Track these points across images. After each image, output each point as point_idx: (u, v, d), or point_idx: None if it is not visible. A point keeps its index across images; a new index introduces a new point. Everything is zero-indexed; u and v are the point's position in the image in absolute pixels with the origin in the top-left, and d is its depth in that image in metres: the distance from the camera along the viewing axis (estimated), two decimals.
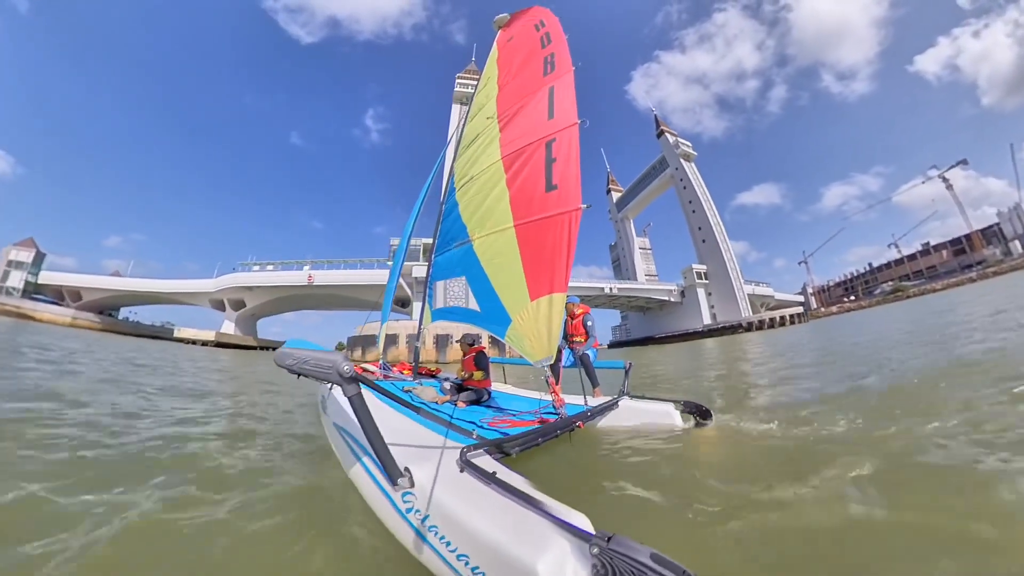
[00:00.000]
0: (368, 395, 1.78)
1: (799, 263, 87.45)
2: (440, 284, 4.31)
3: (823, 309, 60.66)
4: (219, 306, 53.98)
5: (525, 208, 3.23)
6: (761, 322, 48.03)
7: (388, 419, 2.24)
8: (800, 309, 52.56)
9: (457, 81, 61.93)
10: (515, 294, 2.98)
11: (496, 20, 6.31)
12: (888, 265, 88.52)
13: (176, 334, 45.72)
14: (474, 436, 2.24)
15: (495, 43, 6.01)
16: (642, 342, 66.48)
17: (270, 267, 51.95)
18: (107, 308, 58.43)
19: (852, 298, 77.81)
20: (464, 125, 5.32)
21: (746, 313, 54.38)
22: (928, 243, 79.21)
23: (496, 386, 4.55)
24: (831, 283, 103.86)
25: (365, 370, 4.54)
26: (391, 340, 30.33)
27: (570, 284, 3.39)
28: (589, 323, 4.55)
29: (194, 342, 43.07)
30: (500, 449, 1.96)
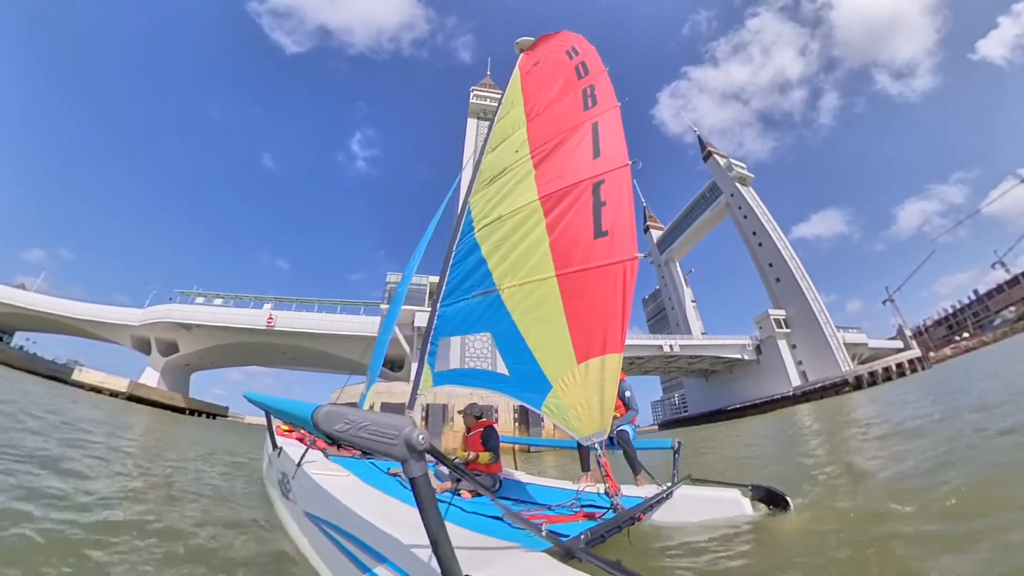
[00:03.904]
0: (353, 480, 1.80)
1: (883, 302, 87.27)
2: (455, 340, 4.67)
3: (932, 353, 59.53)
4: (144, 347, 53.24)
5: (567, 256, 3.72)
6: (873, 375, 47.19)
7: (384, 508, 2.35)
8: (915, 353, 51.82)
9: (473, 93, 69.23)
10: (558, 355, 3.35)
11: (518, 42, 7.37)
12: (999, 289, 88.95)
13: (76, 376, 43.10)
14: (543, 534, 2.17)
15: (517, 67, 6.95)
16: (709, 417, 63.27)
17: (218, 301, 50.68)
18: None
19: (965, 335, 76.63)
20: (481, 155, 5.98)
21: (846, 367, 52.92)
22: None
23: (505, 472, 4.70)
24: (927, 322, 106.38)
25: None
26: (393, 412, 27.27)
27: None
28: (628, 392, 4.81)
29: (100, 390, 41.60)
30: (568, 551, 1.97)
